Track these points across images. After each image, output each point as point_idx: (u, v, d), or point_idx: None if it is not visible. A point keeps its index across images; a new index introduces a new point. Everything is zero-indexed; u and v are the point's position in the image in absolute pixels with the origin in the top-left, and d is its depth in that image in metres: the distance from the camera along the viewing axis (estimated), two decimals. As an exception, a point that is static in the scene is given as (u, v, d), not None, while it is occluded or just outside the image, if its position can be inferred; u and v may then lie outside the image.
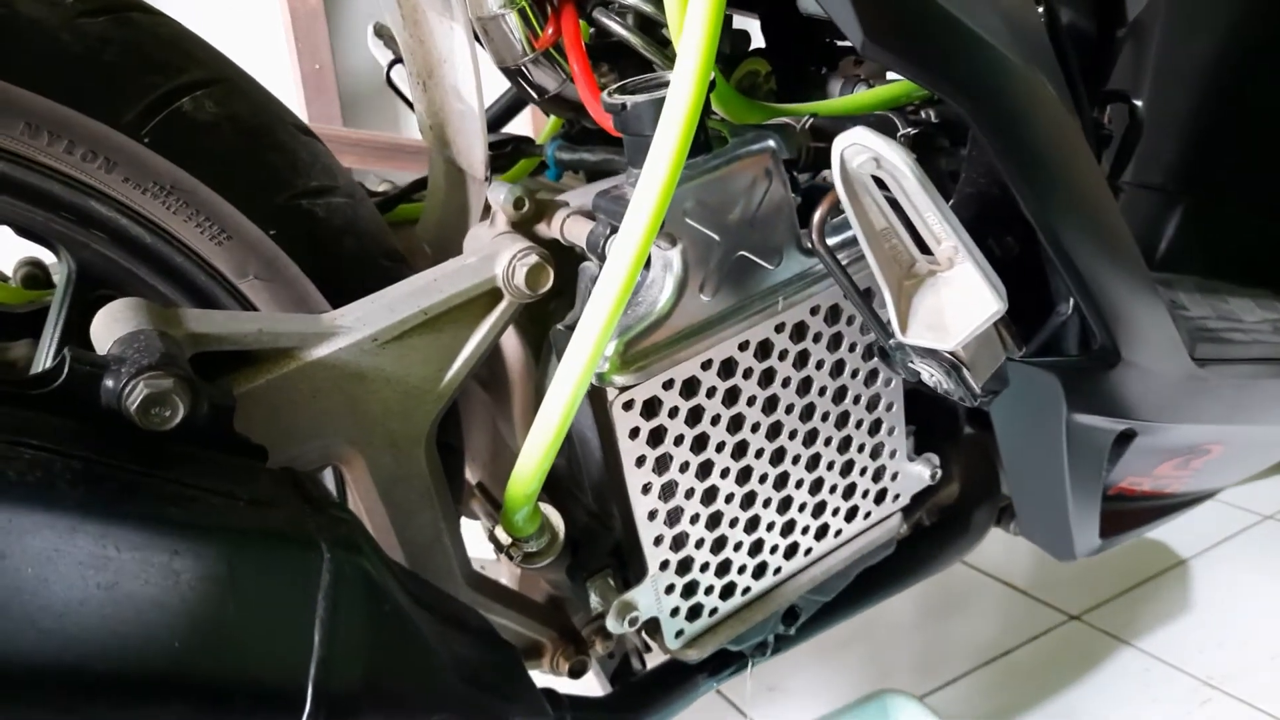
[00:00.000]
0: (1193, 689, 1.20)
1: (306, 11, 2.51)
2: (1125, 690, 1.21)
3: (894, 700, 1.10)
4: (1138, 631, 1.31)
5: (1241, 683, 1.20)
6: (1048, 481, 0.76)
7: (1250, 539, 1.54)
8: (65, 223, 0.61)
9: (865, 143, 0.46)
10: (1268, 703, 1.16)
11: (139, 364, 0.49)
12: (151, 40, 0.60)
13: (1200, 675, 1.22)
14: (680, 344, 0.62)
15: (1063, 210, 0.60)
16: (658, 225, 0.54)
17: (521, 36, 0.75)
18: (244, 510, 0.50)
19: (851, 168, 0.48)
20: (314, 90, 2.56)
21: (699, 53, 0.52)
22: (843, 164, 0.48)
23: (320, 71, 2.55)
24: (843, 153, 0.48)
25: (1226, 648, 1.27)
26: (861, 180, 0.49)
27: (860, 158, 0.47)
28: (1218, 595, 1.39)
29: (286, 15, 2.51)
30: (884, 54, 0.48)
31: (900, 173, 0.47)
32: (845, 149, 0.47)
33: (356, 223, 0.69)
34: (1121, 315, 0.66)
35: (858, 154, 0.47)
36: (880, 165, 0.47)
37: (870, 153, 0.47)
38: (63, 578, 0.42)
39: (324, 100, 2.58)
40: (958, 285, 0.52)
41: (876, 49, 0.47)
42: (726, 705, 1.18)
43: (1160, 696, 1.19)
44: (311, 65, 2.54)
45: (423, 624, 0.56)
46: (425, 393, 0.64)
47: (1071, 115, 0.64)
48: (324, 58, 2.55)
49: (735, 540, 0.71)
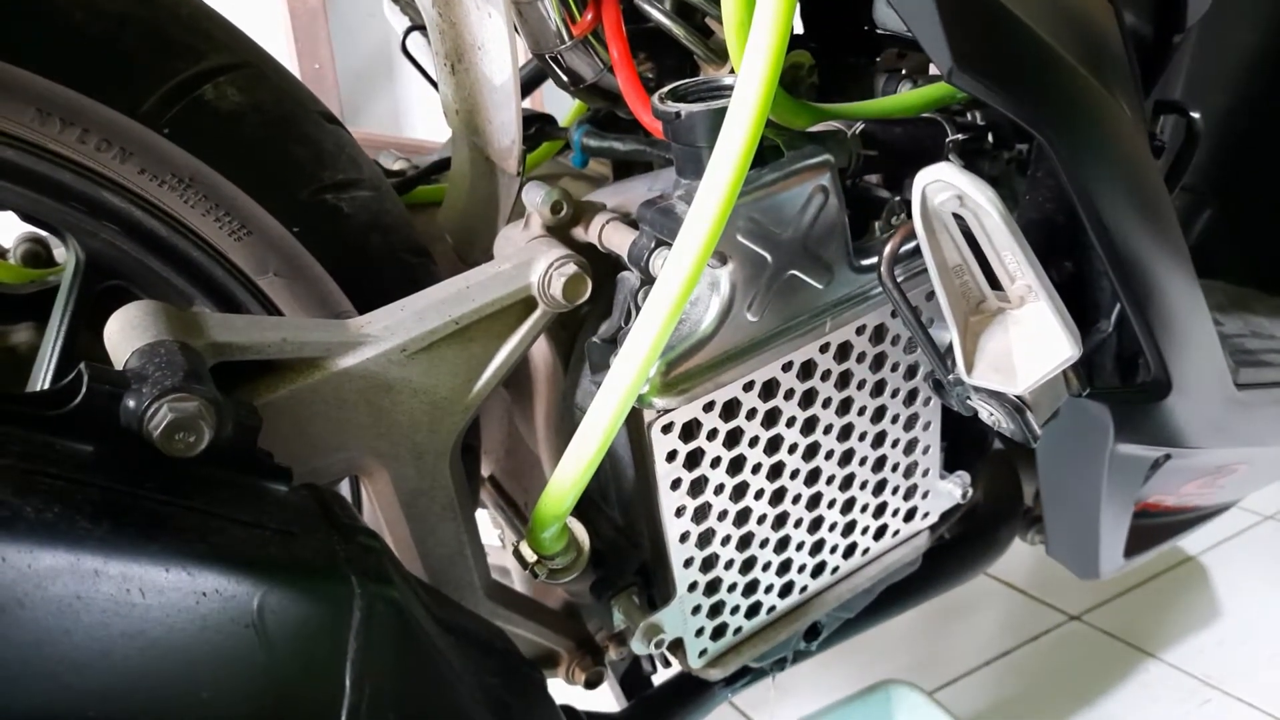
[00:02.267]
0: (1193, 689, 1.20)
1: (306, 11, 2.50)
2: (1125, 690, 1.21)
3: (898, 690, 1.10)
4: (1138, 632, 1.31)
5: (1241, 683, 1.20)
6: (1084, 505, 0.74)
7: (1250, 539, 1.54)
8: (75, 213, 0.57)
9: (950, 180, 0.43)
10: (1268, 703, 1.16)
11: (162, 384, 0.46)
12: (172, 21, 0.56)
13: (1200, 675, 1.22)
14: (724, 365, 0.59)
15: (1132, 242, 0.57)
16: (713, 245, 0.51)
17: (559, 21, 0.71)
18: (271, 542, 0.47)
19: (933, 204, 0.45)
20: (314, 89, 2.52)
21: (767, 61, 0.49)
22: (924, 200, 0.45)
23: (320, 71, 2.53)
24: (925, 189, 0.45)
25: (1226, 648, 1.27)
26: (941, 216, 0.46)
27: (943, 195, 0.44)
28: (1218, 595, 1.39)
29: (286, 15, 2.49)
30: (973, 82, 0.44)
31: (984, 211, 0.44)
32: (928, 185, 0.44)
33: (381, 217, 0.66)
34: (1177, 346, 0.63)
35: (941, 191, 0.44)
36: (963, 203, 0.44)
37: (954, 190, 0.44)
38: (85, 628, 0.39)
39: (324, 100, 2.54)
40: (1028, 325, 0.49)
41: (965, 77, 0.44)
42: (728, 706, 1.17)
43: (1160, 696, 1.19)
44: (311, 65, 2.52)
45: (449, 652, 0.54)
46: (453, 404, 0.61)
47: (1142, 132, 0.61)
48: (324, 58, 2.54)
49: (764, 560, 0.69)
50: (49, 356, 0.62)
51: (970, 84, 0.44)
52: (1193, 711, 1.16)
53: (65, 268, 0.63)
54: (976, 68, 0.44)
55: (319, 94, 2.39)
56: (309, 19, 2.49)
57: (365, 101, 2.61)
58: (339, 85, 2.58)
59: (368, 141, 0.99)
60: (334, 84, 2.57)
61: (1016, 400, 0.51)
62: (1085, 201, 0.53)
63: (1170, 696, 1.19)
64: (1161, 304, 0.60)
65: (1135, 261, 0.57)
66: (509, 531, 0.91)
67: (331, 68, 2.56)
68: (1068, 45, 0.50)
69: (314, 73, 2.53)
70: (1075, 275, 0.72)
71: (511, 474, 0.90)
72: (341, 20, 2.51)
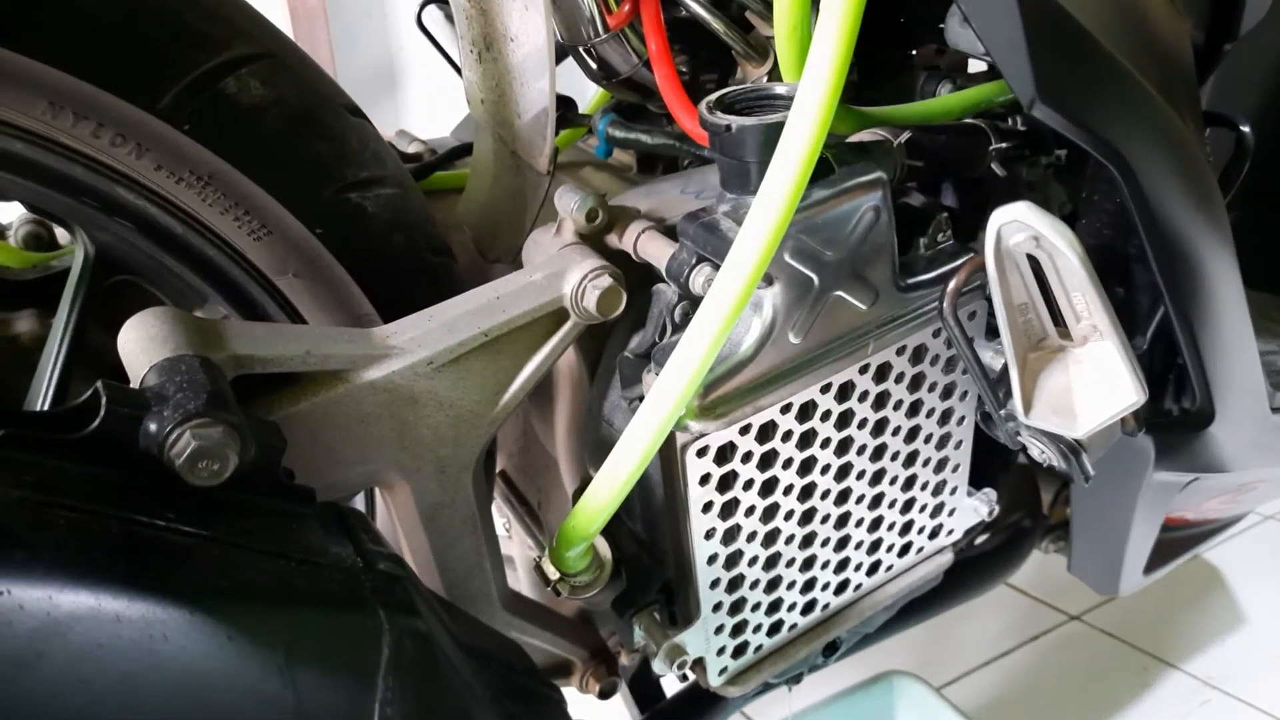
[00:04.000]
0: (1193, 689, 1.20)
1: (306, 11, 2.44)
2: (1125, 690, 1.21)
3: (900, 681, 1.09)
4: (1138, 632, 1.31)
5: (1241, 683, 1.20)
6: (1114, 529, 0.73)
7: (1250, 539, 1.54)
8: (86, 208, 0.54)
9: (1028, 221, 0.41)
10: (1268, 703, 1.16)
11: (185, 408, 0.43)
12: (191, 9, 0.52)
13: (1200, 675, 1.22)
14: (764, 389, 0.57)
15: (1193, 270, 0.55)
16: (765, 267, 0.49)
17: (595, 12, 0.68)
18: (297, 574, 0.45)
19: (1008, 245, 0.43)
20: None
21: (829, 78, 0.46)
22: (999, 240, 0.43)
23: None
24: (1000, 229, 0.42)
25: (1226, 648, 1.28)
26: (1015, 257, 0.43)
27: (1019, 235, 0.42)
28: (1218, 595, 1.39)
29: (286, 15, 2.42)
30: (1055, 116, 0.42)
31: (1061, 254, 0.42)
32: (1004, 225, 0.42)
33: (405, 215, 0.63)
34: (1226, 376, 0.62)
35: (1017, 231, 0.42)
36: (1039, 244, 0.42)
37: (1030, 231, 0.41)
38: (106, 676, 0.37)
39: None
40: (1090, 366, 0.47)
41: (1047, 110, 0.41)
42: (735, 700, 1.16)
43: (1160, 696, 1.20)
44: None
45: (471, 677, 0.52)
46: (478, 418, 0.59)
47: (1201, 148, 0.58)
48: (324, 57, 2.47)
49: (789, 579, 0.67)
50: (56, 352, 0.59)
51: (1051, 116, 0.42)
52: (1193, 711, 1.17)
53: (74, 260, 0.60)
54: (1059, 99, 0.41)
55: None
56: (309, 19, 2.44)
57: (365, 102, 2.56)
58: None
59: None
60: None
61: (1073, 442, 0.49)
62: (1151, 229, 0.51)
63: (1170, 696, 1.19)
64: (1215, 334, 0.58)
65: (1194, 291, 0.55)
66: (516, 525, 0.89)
67: (331, 68, 2.49)
68: (1146, 69, 0.48)
69: None
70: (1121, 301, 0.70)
71: (524, 471, 0.87)
72: (341, 20, 2.46)
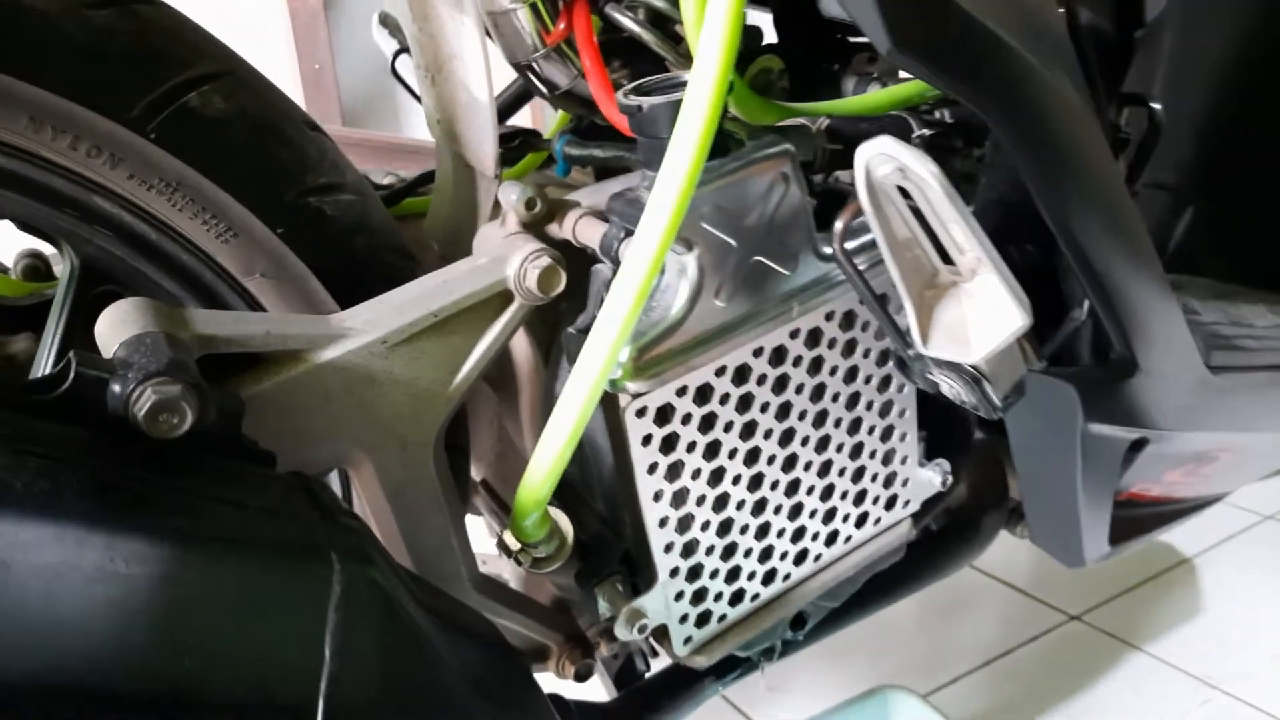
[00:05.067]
0: (1193, 689, 1.20)
1: (306, 11, 2.51)
2: (1125, 690, 1.21)
3: (895, 696, 1.10)
4: (1138, 632, 1.31)
5: (1241, 683, 1.20)
6: (1061, 489, 0.75)
7: (1250, 539, 1.54)
8: (68, 219, 0.59)
9: (891, 153, 0.45)
10: (1268, 703, 1.16)
11: (146, 369, 0.48)
12: (157, 33, 0.58)
13: (1200, 675, 1.22)
14: (695, 350, 0.61)
15: (1084, 217, 0.59)
16: (675, 230, 0.53)
17: (533, 31, 0.74)
18: (254, 520, 0.49)
19: (876, 177, 0.47)
20: (314, 90, 2.56)
21: (719, 53, 0.51)
22: (867, 173, 0.47)
23: (320, 71, 2.55)
24: (867, 162, 0.47)
25: (1226, 648, 1.27)
26: (886, 190, 0.48)
27: (885, 168, 0.46)
28: (1218, 595, 1.39)
29: (286, 15, 2.51)
30: (911, 61, 0.46)
31: (926, 184, 0.46)
32: (870, 159, 0.46)
33: (366, 220, 0.68)
34: (1140, 324, 0.65)
35: (883, 164, 0.46)
36: (906, 175, 0.46)
37: (895, 163, 0.46)
38: (70, 593, 0.41)
39: (324, 100, 2.58)
40: (980, 297, 0.51)
41: (903, 56, 0.46)
42: (727, 705, 1.17)
43: (1160, 696, 1.19)
44: (311, 65, 2.54)
45: (434, 634, 0.55)
46: (435, 395, 0.63)
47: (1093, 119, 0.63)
48: (324, 58, 2.55)
49: (745, 547, 0.70)
50: (45, 360, 0.64)
51: (909, 63, 0.47)
52: (1193, 711, 1.16)
53: (61, 275, 0.65)
54: (913, 47, 0.46)
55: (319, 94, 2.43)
56: (309, 19, 2.50)
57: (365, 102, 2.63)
58: (339, 86, 2.59)
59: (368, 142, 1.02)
60: (334, 84, 2.58)
61: (974, 371, 0.53)
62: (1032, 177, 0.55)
63: (1170, 696, 1.19)
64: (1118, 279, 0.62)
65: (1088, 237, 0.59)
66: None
67: (331, 68, 2.57)
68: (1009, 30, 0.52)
69: (314, 73, 2.54)
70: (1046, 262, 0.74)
71: (503, 478, 0.91)
72: (341, 20, 2.52)
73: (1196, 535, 1.54)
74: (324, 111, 2.58)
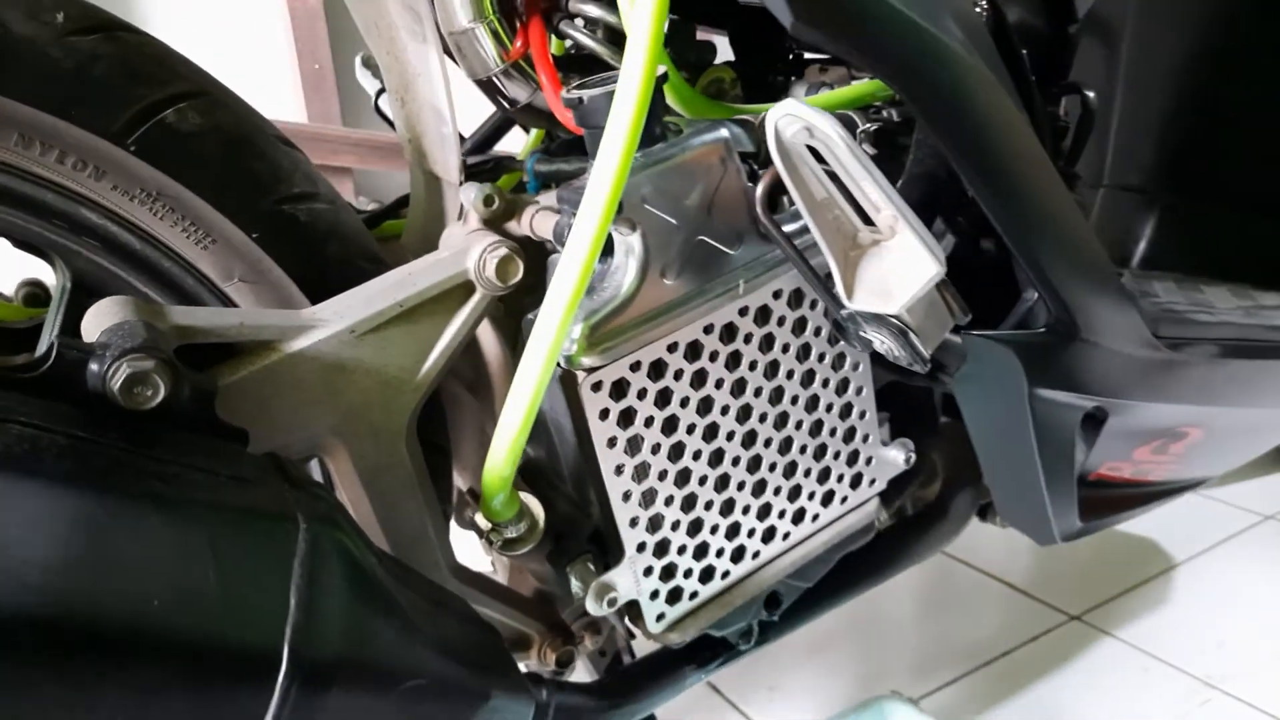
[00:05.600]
0: (1192, 689, 1.20)
1: (306, 11, 2.54)
2: (1125, 690, 1.20)
3: (891, 706, 1.11)
4: (1138, 631, 1.31)
5: (1241, 683, 1.20)
6: (1018, 461, 0.78)
7: (1250, 539, 1.54)
8: (59, 231, 0.64)
9: (797, 113, 0.49)
10: (1268, 703, 1.16)
11: (122, 347, 0.52)
12: (137, 56, 0.64)
13: (1200, 675, 1.22)
14: (645, 325, 0.64)
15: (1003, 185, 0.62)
16: (614, 207, 0.57)
17: (493, 50, 0.79)
18: (224, 485, 0.52)
19: (786, 138, 0.51)
20: (314, 90, 2.59)
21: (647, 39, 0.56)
22: (777, 135, 0.51)
23: (320, 71, 2.58)
24: (776, 124, 0.50)
25: (1226, 648, 1.27)
26: (797, 151, 0.52)
27: (793, 128, 0.50)
28: (1218, 595, 1.38)
29: (286, 15, 2.54)
30: (814, 34, 0.51)
31: (832, 141, 0.50)
32: (778, 119, 0.50)
33: (338, 227, 0.73)
34: (1072, 289, 0.68)
35: (790, 124, 0.50)
36: (813, 135, 0.50)
37: (802, 122, 0.49)
38: (49, 539, 0.44)
39: (324, 100, 2.61)
40: (899, 252, 0.54)
41: (806, 29, 0.50)
42: (727, 705, 1.18)
43: (1160, 696, 1.19)
44: (311, 65, 2.57)
45: (403, 599, 0.58)
46: (404, 383, 0.67)
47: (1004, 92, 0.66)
48: (324, 58, 2.57)
49: (712, 523, 0.73)
50: (40, 368, 0.69)
51: (812, 35, 0.51)
52: (1192, 711, 1.16)
53: (55, 290, 0.70)
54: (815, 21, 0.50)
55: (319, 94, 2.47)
56: (309, 19, 2.53)
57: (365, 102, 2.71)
58: (339, 86, 2.63)
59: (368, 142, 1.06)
60: (333, 84, 2.62)
61: (899, 323, 0.56)
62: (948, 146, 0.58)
63: (1170, 696, 1.19)
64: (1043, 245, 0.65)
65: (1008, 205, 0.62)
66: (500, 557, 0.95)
67: (331, 68, 2.61)
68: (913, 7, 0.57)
69: (314, 73, 2.57)
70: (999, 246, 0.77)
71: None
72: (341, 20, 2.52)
73: (1197, 535, 1.54)
74: (324, 111, 2.61)
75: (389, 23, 0.77)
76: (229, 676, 0.47)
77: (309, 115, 2.64)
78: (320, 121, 2.63)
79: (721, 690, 1.21)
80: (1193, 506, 1.63)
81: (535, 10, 0.79)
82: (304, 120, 2.64)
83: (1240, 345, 0.87)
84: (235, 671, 0.47)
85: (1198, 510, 1.62)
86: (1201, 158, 1.35)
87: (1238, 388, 0.93)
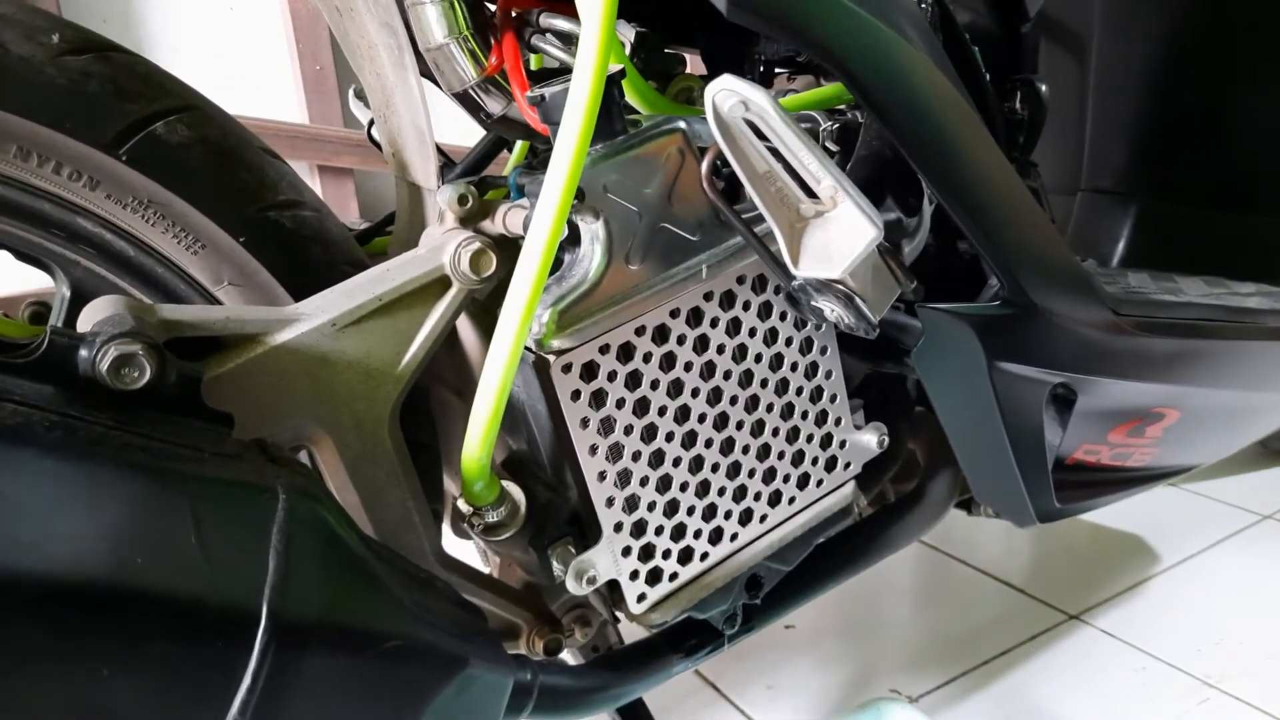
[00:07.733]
0: (1191, 688, 1.20)
1: (307, 13, 2.57)
2: (1124, 689, 1.21)
3: (889, 708, 1.11)
4: (1136, 631, 1.31)
5: (1241, 682, 1.20)
6: (986, 437, 0.80)
7: (1250, 539, 1.54)
8: (57, 240, 0.68)
9: (732, 87, 0.52)
10: (1267, 703, 1.16)
11: (110, 334, 0.55)
12: (128, 74, 0.68)
13: (1199, 675, 1.22)
14: (611, 308, 0.67)
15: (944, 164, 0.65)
16: (573, 188, 0.61)
17: (468, 65, 0.83)
18: (207, 459, 0.55)
19: (723, 111, 0.54)
20: (315, 91, 2.62)
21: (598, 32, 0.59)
22: (715, 109, 0.54)
23: (321, 72, 2.60)
24: (714, 98, 0.54)
25: (1226, 647, 1.27)
26: (736, 124, 0.55)
27: (730, 101, 0.53)
28: (1217, 595, 1.39)
29: (287, 16, 2.57)
30: (748, 18, 0.54)
31: (766, 112, 0.53)
32: (715, 94, 0.54)
33: (323, 233, 0.76)
34: (1020, 263, 0.71)
35: (728, 99, 0.53)
36: (749, 108, 0.53)
37: (738, 96, 0.53)
38: (40, 502, 0.47)
39: (325, 101, 2.63)
40: (841, 220, 0.57)
41: (740, 13, 0.54)
42: (727, 705, 1.19)
43: (1159, 696, 1.19)
44: (313, 66, 2.59)
45: (384, 572, 0.60)
46: (385, 374, 0.70)
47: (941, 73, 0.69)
48: (325, 59, 2.60)
49: (688, 504, 0.75)
50: (42, 374, 0.72)
51: (747, 19, 0.54)
52: (1192, 710, 1.16)
53: (55, 301, 0.73)
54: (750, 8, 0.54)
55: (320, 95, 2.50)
56: (310, 20, 2.55)
57: None
58: (340, 87, 2.65)
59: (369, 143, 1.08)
60: (335, 86, 2.63)
61: (844, 289, 0.58)
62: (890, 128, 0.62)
63: (1169, 696, 1.19)
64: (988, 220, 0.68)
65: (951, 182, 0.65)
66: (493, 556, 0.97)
67: (333, 70, 2.62)
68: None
69: (315, 74, 2.59)
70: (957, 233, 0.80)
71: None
72: None
73: (1196, 535, 1.54)
74: (325, 112, 2.62)
75: (369, 42, 0.81)
76: (211, 631, 0.50)
77: (310, 117, 2.66)
78: (321, 123, 2.65)
79: (720, 688, 1.22)
80: (1191, 506, 1.64)
81: (508, 26, 0.83)
82: (305, 122, 2.66)
83: (1206, 324, 0.90)
84: (217, 627, 0.50)
85: (1196, 510, 1.62)
86: (1174, 159, 1.38)
87: (1208, 368, 0.94)
